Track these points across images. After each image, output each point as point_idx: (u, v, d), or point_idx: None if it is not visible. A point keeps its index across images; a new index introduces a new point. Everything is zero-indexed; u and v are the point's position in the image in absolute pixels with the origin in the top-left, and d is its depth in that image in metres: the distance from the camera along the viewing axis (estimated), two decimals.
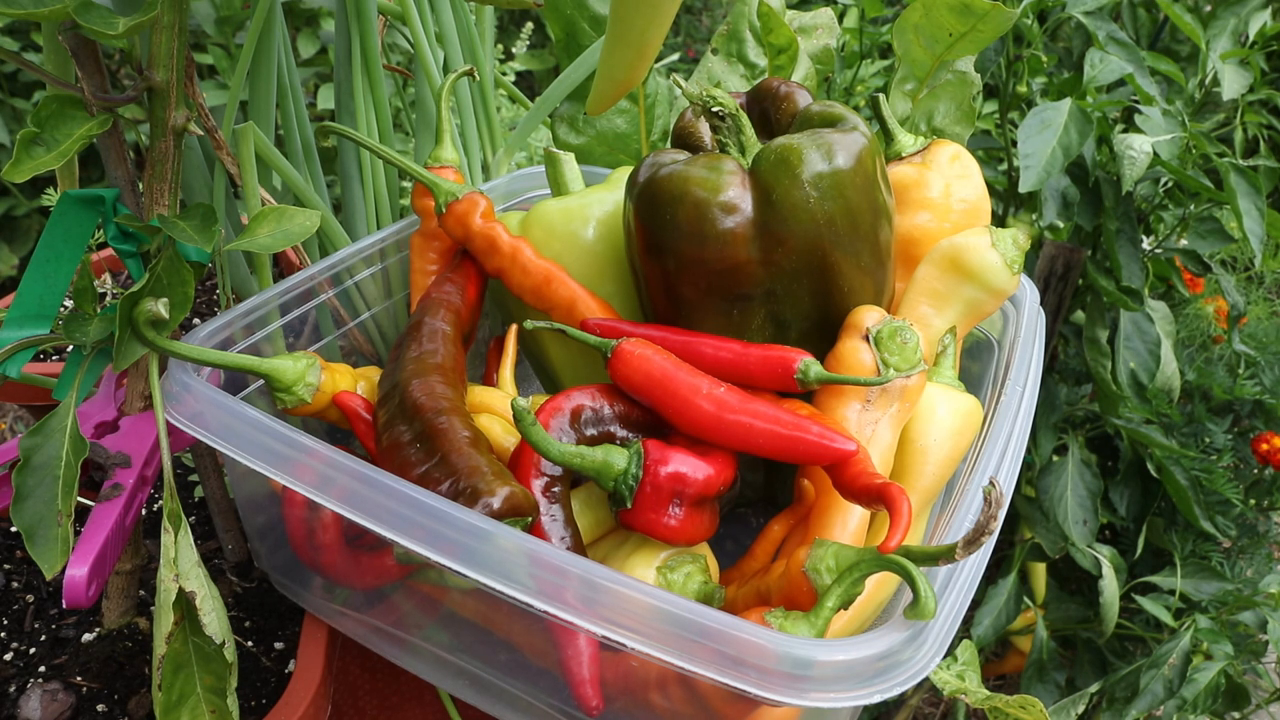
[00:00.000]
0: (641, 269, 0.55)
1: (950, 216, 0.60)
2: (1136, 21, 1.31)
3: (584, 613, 0.38)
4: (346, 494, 0.41)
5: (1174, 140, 1.00)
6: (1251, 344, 1.32)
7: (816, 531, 0.49)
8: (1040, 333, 0.60)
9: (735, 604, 0.48)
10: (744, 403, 0.47)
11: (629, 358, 0.49)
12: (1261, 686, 1.17)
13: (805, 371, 0.49)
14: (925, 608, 0.37)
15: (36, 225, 1.76)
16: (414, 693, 0.68)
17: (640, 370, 0.49)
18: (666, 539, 0.46)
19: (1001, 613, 1.17)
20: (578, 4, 0.74)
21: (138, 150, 0.57)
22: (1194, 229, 1.13)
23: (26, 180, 0.47)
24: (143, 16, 0.45)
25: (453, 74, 0.63)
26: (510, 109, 1.57)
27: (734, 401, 0.47)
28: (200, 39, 1.57)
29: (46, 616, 0.63)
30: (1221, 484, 1.18)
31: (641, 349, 0.49)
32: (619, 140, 0.77)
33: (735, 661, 0.36)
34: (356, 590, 0.54)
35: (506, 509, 0.42)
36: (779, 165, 0.50)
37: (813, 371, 0.49)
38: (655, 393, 0.48)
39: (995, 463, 0.49)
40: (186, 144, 0.60)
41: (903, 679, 0.37)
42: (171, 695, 0.48)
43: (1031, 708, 0.56)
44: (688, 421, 0.48)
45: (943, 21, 0.71)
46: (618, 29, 0.44)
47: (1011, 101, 1.12)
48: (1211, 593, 1.13)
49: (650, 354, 0.49)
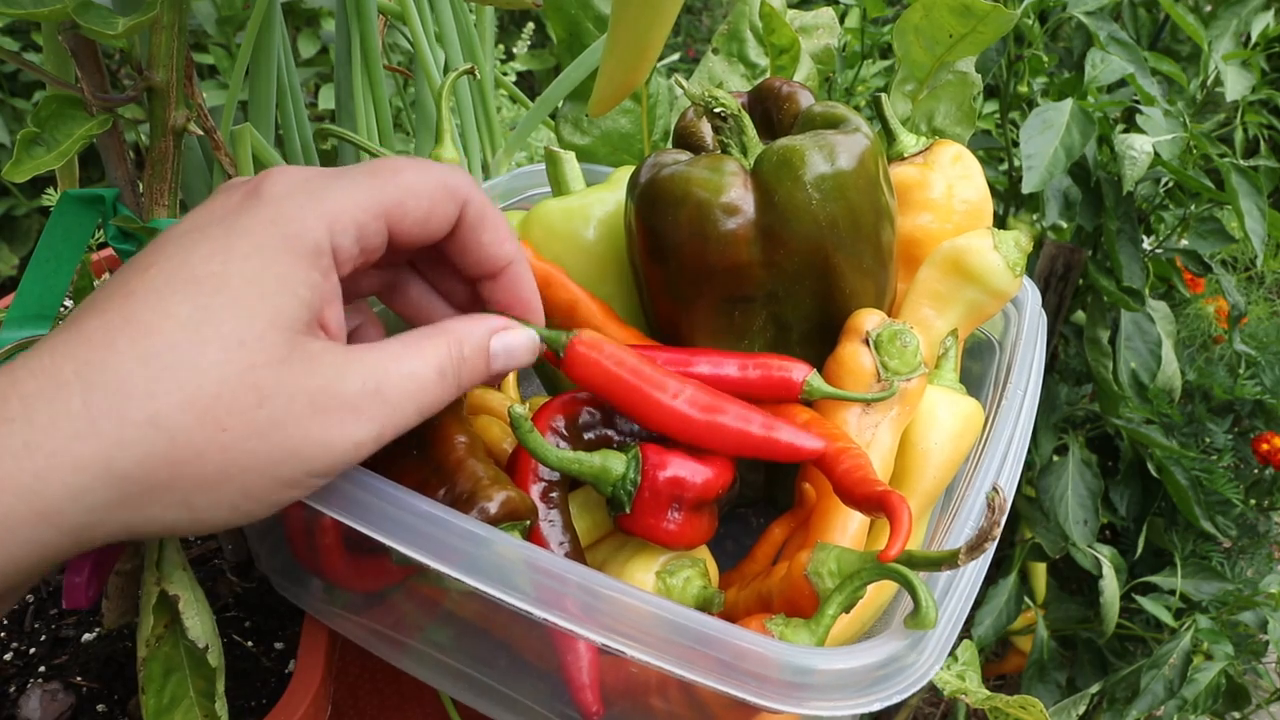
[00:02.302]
0: (642, 269, 0.55)
1: (952, 217, 0.60)
2: (1137, 21, 1.31)
3: (583, 621, 0.38)
4: (344, 499, 0.41)
5: (1175, 140, 0.99)
6: (1252, 344, 1.32)
7: (818, 535, 0.49)
8: (1042, 334, 0.60)
9: (736, 607, 0.48)
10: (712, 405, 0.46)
11: (581, 359, 0.47)
12: (1262, 686, 1.17)
13: (810, 391, 0.49)
14: (926, 617, 0.37)
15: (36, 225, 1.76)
16: (414, 693, 0.68)
17: (598, 371, 0.46)
18: (666, 543, 0.46)
19: (1002, 613, 1.17)
20: (582, 4, 0.74)
21: (138, 150, 0.57)
22: (1195, 229, 1.13)
23: (26, 180, 0.47)
24: (143, 16, 0.44)
25: (453, 73, 0.63)
26: (511, 109, 1.57)
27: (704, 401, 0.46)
28: (200, 39, 1.57)
29: (46, 616, 0.62)
30: (1222, 484, 1.17)
31: (591, 351, 0.46)
32: (623, 140, 0.77)
33: (735, 669, 0.36)
34: (356, 593, 0.54)
35: (503, 514, 0.42)
36: (781, 166, 0.50)
37: (817, 388, 0.49)
38: (615, 394, 0.47)
39: (997, 466, 0.49)
40: (186, 144, 0.60)
41: (903, 686, 0.37)
42: (163, 699, 0.48)
43: (1032, 708, 0.56)
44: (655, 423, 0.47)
45: (943, 23, 0.71)
46: (619, 29, 0.44)
47: (1012, 102, 1.12)
48: (1212, 593, 1.13)
49: (600, 357, 0.46)
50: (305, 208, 0.37)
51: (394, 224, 0.40)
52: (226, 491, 0.34)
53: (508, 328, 0.44)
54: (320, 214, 0.37)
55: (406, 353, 0.39)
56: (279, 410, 0.34)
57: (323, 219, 0.37)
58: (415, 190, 0.40)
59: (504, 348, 0.43)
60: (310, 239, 0.37)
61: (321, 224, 0.37)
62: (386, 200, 0.39)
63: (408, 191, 0.40)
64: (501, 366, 0.43)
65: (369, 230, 0.39)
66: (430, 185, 0.40)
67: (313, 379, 0.35)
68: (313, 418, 0.35)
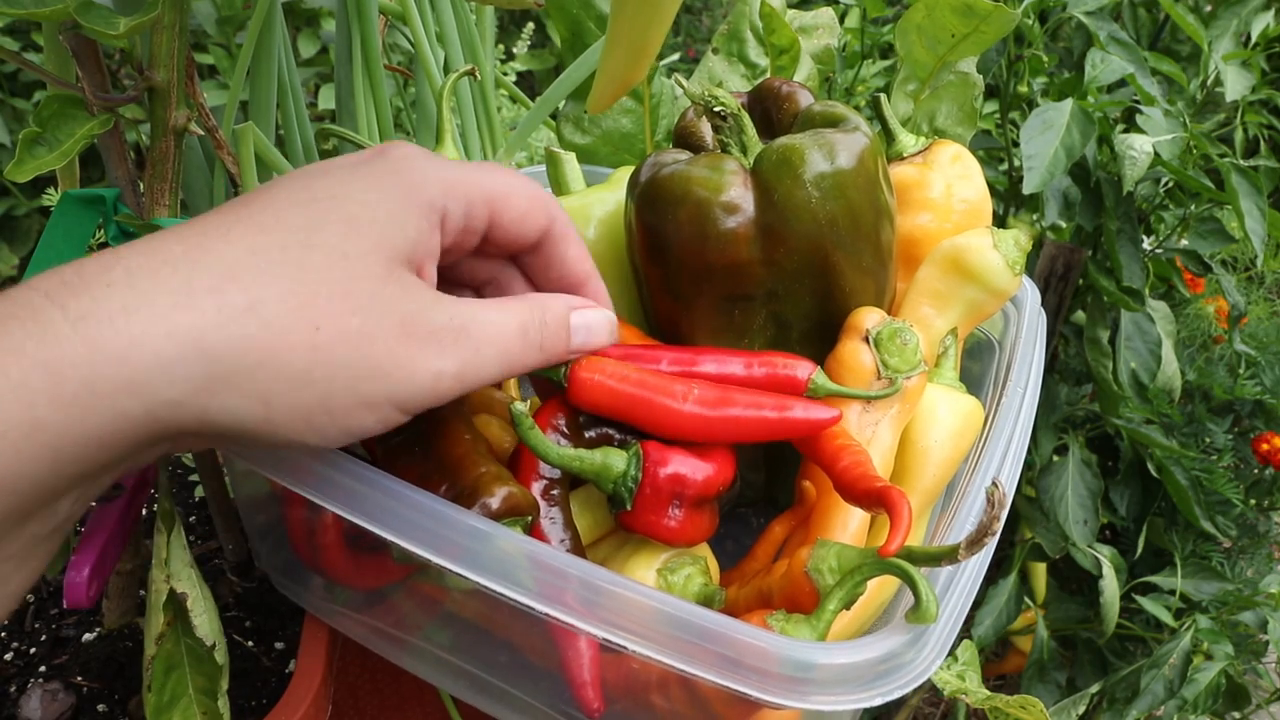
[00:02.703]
0: (642, 269, 0.55)
1: (952, 217, 0.60)
2: (1137, 21, 1.31)
3: (585, 615, 0.38)
4: (346, 494, 0.41)
5: (1175, 140, 0.99)
6: (1252, 344, 1.32)
7: (818, 532, 0.49)
8: (1041, 333, 0.60)
9: (737, 605, 0.48)
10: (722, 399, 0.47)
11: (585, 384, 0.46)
12: (1262, 686, 1.17)
13: (815, 389, 0.49)
14: (927, 612, 0.37)
15: (36, 225, 1.77)
16: (414, 693, 0.68)
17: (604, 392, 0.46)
18: (667, 540, 0.46)
19: (1002, 613, 1.17)
20: (584, 3, 0.74)
21: (138, 150, 0.57)
22: (1195, 229, 1.13)
23: (27, 180, 0.47)
24: (144, 16, 0.45)
25: (454, 74, 0.63)
26: (511, 109, 1.57)
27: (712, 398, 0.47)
28: (201, 39, 1.57)
29: (47, 616, 0.63)
30: (1222, 484, 1.18)
31: (594, 374, 0.46)
32: (625, 140, 0.77)
33: (736, 664, 0.36)
34: (357, 591, 0.54)
35: (505, 509, 0.42)
36: (781, 165, 0.50)
37: (822, 386, 0.49)
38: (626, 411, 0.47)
39: (996, 464, 0.49)
40: (187, 144, 0.60)
41: (904, 682, 0.37)
42: (163, 696, 0.48)
43: (1032, 708, 0.56)
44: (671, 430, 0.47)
45: (945, 22, 0.71)
46: (618, 28, 0.44)
47: (1012, 102, 1.12)
48: (1212, 593, 1.13)
49: (604, 379, 0.46)
50: (427, 170, 0.40)
51: (496, 214, 0.42)
52: (306, 396, 0.34)
53: (587, 305, 0.46)
54: (439, 179, 0.40)
55: (493, 305, 0.41)
56: (370, 323, 0.35)
57: (440, 183, 0.40)
58: (516, 189, 0.43)
59: (584, 324, 0.45)
60: (427, 193, 0.39)
61: (439, 187, 0.39)
62: (495, 189, 0.42)
63: (510, 189, 0.42)
64: (581, 342, 0.45)
65: (476, 210, 0.41)
66: (529, 191, 0.43)
67: (406, 303, 0.37)
68: (400, 339, 0.36)
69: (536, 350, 0.42)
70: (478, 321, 0.39)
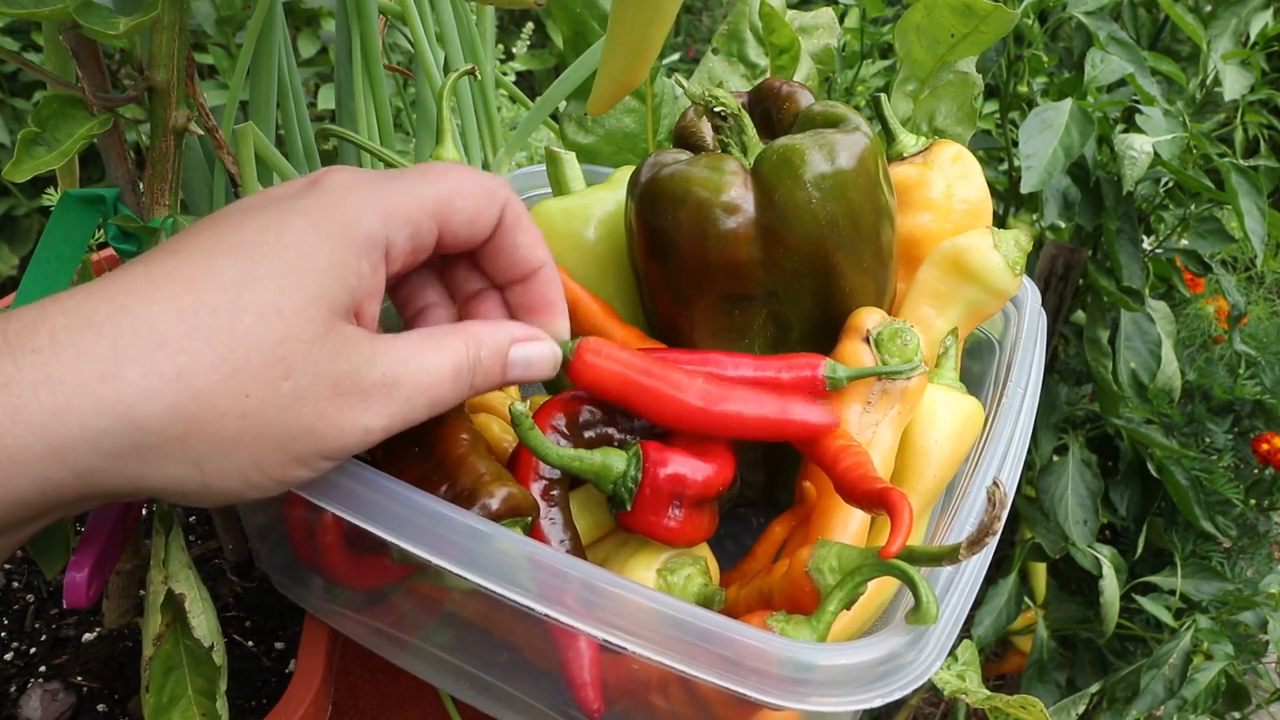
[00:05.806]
0: (643, 269, 0.55)
1: (952, 217, 0.60)
2: (1137, 21, 1.31)
3: (584, 616, 0.38)
4: (346, 495, 0.41)
5: (1175, 140, 0.99)
6: (1252, 344, 1.32)
7: (818, 532, 0.49)
8: (1042, 333, 0.60)
9: (737, 605, 0.48)
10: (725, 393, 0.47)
11: (588, 366, 0.46)
12: (1262, 686, 1.17)
13: (834, 379, 0.49)
14: (927, 613, 0.37)
15: (36, 225, 1.76)
16: (414, 693, 0.68)
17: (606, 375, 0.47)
18: (667, 540, 0.46)
19: (1002, 613, 1.17)
20: (586, 2, 0.74)
21: (138, 150, 0.57)
22: (1194, 229, 1.13)
23: (26, 180, 0.47)
24: (144, 16, 0.45)
25: (454, 73, 0.63)
26: (511, 109, 1.57)
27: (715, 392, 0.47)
28: (201, 39, 1.57)
29: (47, 616, 0.62)
30: (1222, 484, 1.18)
31: (597, 356, 0.46)
32: (627, 140, 0.77)
33: (736, 665, 0.36)
34: (357, 591, 0.54)
35: (505, 510, 0.42)
36: (781, 165, 0.50)
37: (840, 372, 0.49)
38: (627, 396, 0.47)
39: (997, 464, 0.49)
40: (187, 144, 0.60)
41: (904, 683, 0.37)
42: (162, 697, 0.48)
43: (1032, 708, 0.56)
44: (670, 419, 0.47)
45: (945, 22, 0.71)
46: (618, 28, 0.44)
47: (1012, 101, 1.12)
48: (1212, 593, 1.13)
49: (607, 362, 0.46)
50: (365, 200, 0.38)
51: (444, 223, 0.41)
52: (239, 459, 0.34)
53: (530, 338, 0.44)
54: (378, 207, 0.38)
55: (426, 347, 0.40)
56: (303, 386, 0.35)
57: (379, 212, 0.38)
58: (463, 191, 0.41)
59: (523, 358, 0.44)
60: (365, 229, 0.38)
61: (378, 217, 0.38)
62: (439, 199, 0.40)
63: (456, 192, 0.41)
64: (519, 376, 0.44)
65: (422, 229, 0.40)
66: (475, 187, 0.42)
67: (339, 362, 0.36)
68: (330, 400, 0.36)
69: (467, 389, 0.41)
70: (409, 370, 0.38)
